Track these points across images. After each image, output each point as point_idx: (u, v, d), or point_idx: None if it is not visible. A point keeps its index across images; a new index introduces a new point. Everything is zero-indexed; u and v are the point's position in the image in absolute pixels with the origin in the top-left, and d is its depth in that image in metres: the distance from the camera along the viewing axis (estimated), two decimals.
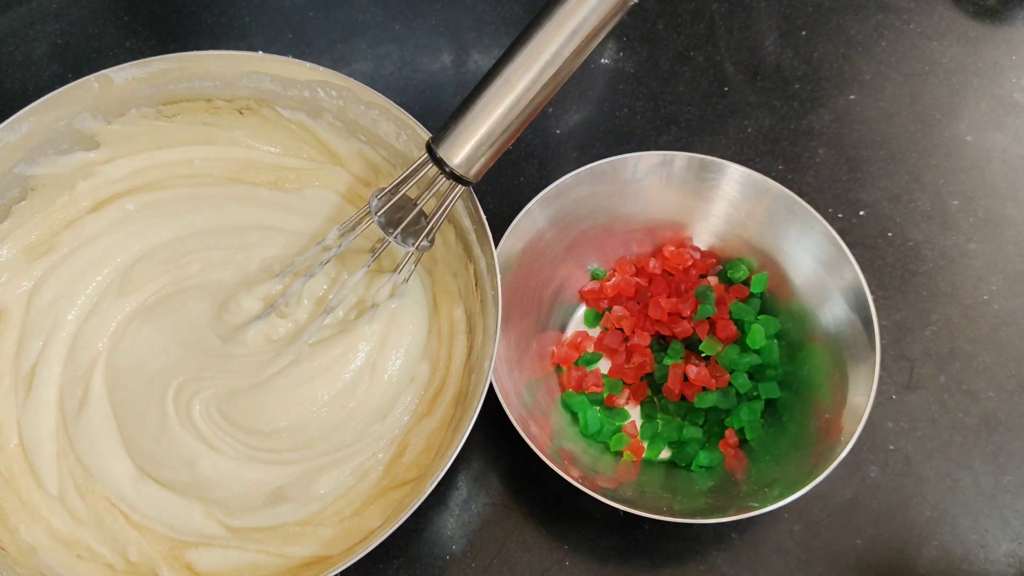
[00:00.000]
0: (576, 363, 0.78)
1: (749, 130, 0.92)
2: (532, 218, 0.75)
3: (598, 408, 0.77)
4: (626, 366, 0.77)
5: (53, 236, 0.76)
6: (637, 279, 0.80)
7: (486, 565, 0.73)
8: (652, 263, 0.80)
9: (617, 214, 0.79)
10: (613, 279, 0.80)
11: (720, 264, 0.81)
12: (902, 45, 0.97)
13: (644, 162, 0.77)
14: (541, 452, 0.66)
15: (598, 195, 0.77)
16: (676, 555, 0.73)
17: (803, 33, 0.98)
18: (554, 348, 0.79)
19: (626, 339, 0.78)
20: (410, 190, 0.68)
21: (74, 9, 0.97)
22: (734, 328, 0.76)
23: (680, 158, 0.77)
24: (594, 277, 0.82)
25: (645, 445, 0.75)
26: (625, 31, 0.98)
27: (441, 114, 0.64)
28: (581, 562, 0.73)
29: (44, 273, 0.74)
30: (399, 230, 0.67)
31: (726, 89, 0.94)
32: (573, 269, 0.81)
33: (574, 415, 0.76)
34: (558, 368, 0.79)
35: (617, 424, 0.76)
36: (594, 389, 0.76)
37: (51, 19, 0.97)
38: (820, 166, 0.90)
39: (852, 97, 0.94)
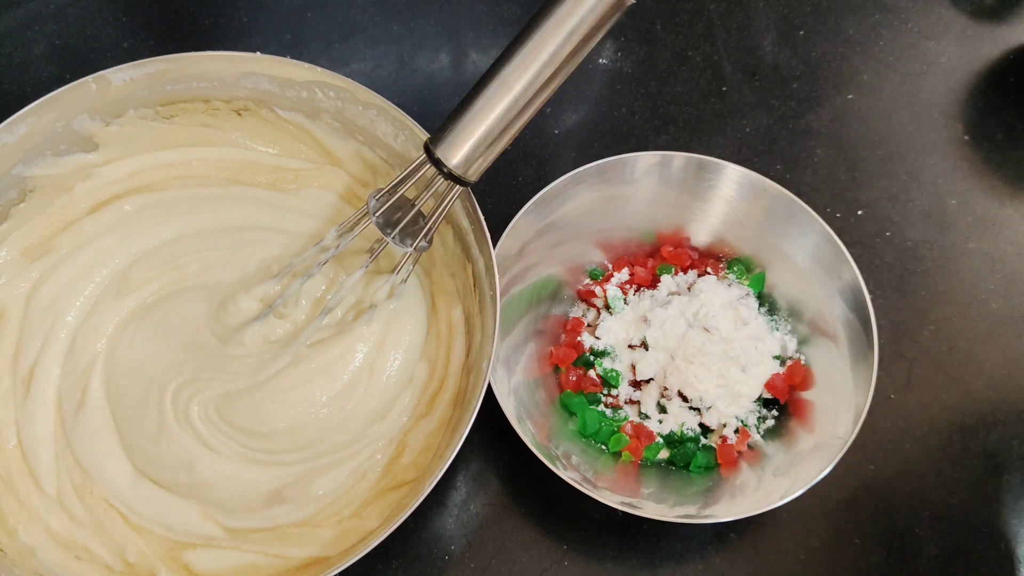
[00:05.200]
0: (575, 363, 0.78)
1: (747, 130, 0.92)
2: (530, 218, 0.75)
3: (597, 408, 0.77)
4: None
5: (52, 237, 0.76)
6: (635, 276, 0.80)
7: (485, 565, 0.73)
8: (650, 263, 0.80)
9: (615, 214, 0.79)
10: (612, 279, 0.80)
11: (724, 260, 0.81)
12: (900, 44, 0.97)
13: (642, 162, 0.77)
14: (540, 452, 0.66)
15: (596, 195, 0.77)
16: (675, 555, 0.73)
17: (801, 33, 0.98)
18: (552, 348, 0.79)
19: None
20: (408, 191, 0.67)
21: (72, 10, 0.97)
22: None
23: (678, 158, 0.77)
24: (593, 277, 0.82)
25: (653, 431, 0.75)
26: (623, 31, 0.98)
27: (439, 114, 0.64)
28: (580, 562, 0.73)
29: (42, 274, 0.74)
30: (397, 231, 0.67)
31: (724, 89, 0.94)
32: (572, 269, 0.81)
33: (573, 415, 0.76)
34: (556, 368, 0.79)
35: (616, 424, 0.76)
36: (593, 389, 0.76)
37: (49, 20, 0.97)
38: (818, 166, 0.90)
39: (850, 97, 0.94)
